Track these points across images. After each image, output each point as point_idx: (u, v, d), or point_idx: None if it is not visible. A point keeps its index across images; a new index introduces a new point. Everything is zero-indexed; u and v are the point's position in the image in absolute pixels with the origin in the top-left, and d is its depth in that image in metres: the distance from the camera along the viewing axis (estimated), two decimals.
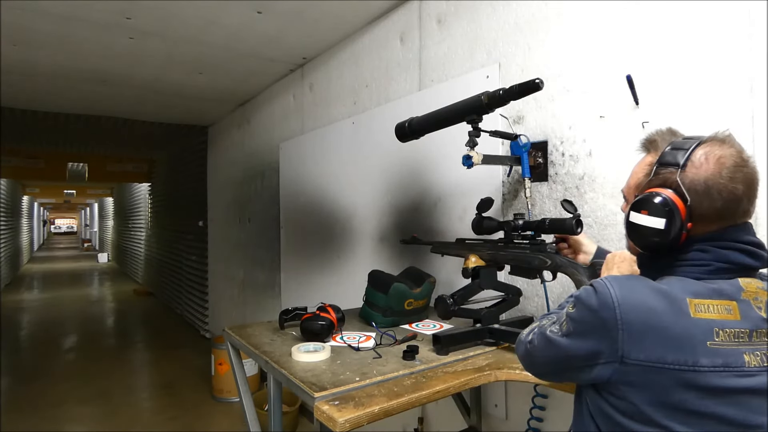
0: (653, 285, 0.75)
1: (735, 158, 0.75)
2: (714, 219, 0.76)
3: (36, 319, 7.01)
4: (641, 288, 0.74)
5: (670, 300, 0.72)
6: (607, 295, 0.74)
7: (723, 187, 0.74)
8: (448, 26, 2.01)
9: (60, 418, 3.41)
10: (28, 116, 4.53)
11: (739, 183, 0.74)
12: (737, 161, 0.75)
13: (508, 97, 1.30)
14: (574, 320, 0.78)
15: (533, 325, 0.92)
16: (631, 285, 0.75)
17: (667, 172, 0.78)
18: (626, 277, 0.78)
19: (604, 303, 0.74)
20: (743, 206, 0.76)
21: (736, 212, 0.76)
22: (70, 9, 2.31)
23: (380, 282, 1.67)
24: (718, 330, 0.70)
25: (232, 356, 1.61)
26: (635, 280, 0.77)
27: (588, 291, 0.78)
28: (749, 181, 0.75)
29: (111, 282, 11.07)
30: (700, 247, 0.77)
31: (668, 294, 0.73)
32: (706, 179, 0.74)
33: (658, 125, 1.29)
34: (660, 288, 0.74)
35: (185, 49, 2.86)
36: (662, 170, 0.79)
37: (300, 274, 3.19)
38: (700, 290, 0.73)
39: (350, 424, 0.96)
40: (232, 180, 4.54)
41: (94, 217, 23.19)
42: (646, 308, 0.72)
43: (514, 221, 1.37)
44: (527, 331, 0.92)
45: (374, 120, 2.44)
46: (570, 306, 0.80)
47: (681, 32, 1.25)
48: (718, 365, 0.69)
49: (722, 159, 0.74)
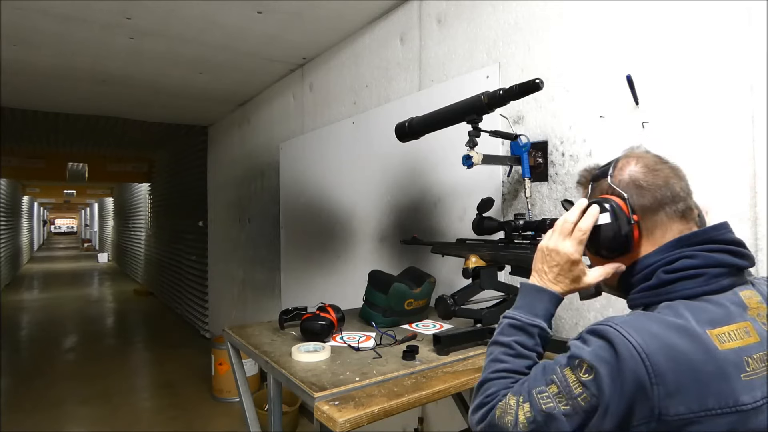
0: (668, 321, 0.67)
1: (653, 158, 0.80)
2: (656, 208, 0.76)
3: (36, 319, 7.01)
4: (659, 329, 0.65)
5: (692, 336, 0.65)
6: (628, 346, 0.63)
7: (646, 176, 0.78)
8: (448, 26, 2.01)
9: (60, 418, 3.41)
10: (28, 116, 4.54)
11: (661, 172, 0.78)
12: (655, 160, 0.80)
13: (508, 97, 1.30)
14: (593, 387, 0.64)
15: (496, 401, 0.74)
16: (647, 327, 0.66)
17: (599, 183, 0.83)
18: (634, 319, 0.68)
19: (629, 357, 0.62)
20: (677, 192, 0.77)
21: (675, 198, 0.77)
22: (70, 9, 2.31)
23: (380, 282, 1.67)
24: (748, 358, 0.65)
25: (232, 356, 1.61)
26: (645, 320, 0.68)
27: (600, 347, 0.66)
28: (673, 170, 0.79)
29: (111, 282, 11.07)
30: (686, 253, 0.73)
31: (687, 329, 0.65)
32: (629, 174, 0.79)
33: (658, 125, 1.30)
34: (677, 324, 0.66)
35: (185, 49, 2.86)
36: (595, 184, 0.84)
37: (300, 274, 3.19)
38: (715, 317, 0.67)
39: (350, 424, 0.95)
40: (232, 180, 4.54)
41: (94, 217, 23.20)
42: (675, 353, 0.63)
43: (515, 221, 1.37)
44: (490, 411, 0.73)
45: (374, 120, 2.44)
46: (579, 372, 0.66)
47: (681, 32, 1.25)
48: (758, 399, 0.63)
49: (641, 159, 0.80)
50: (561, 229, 0.82)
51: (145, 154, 8.03)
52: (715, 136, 1.19)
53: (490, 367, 0.80)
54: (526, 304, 0.84)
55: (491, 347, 0.83)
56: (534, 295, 0.84)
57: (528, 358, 0.79)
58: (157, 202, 8.42)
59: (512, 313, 0.84)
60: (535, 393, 0.70)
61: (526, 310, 0.83)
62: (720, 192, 1.18)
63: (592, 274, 0.82)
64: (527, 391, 0.71)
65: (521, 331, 0.81)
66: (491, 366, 0.80)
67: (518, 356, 0.79)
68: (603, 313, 1.43)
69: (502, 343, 0.81)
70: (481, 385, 0.79)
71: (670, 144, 1.26)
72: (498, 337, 0.83)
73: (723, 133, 1.17)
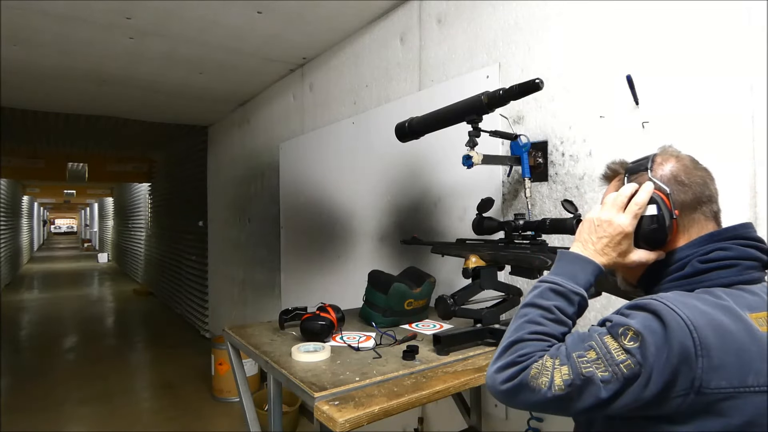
0: (714, 301, 0.69)
1: (690, 158, 0.83)
2: (695, 206, 0.79)
3: (36, 319, 7.01)
4: (706, 306, 0.67)
5: (736, 316, 0.67)
6: (677, 318, 0.65)
7: (687, 174, 0.79)
8: (448, 26, 2.01)
9: (60, 418, 3.41)
10: (28, 116, 4.53)
11: (700, 171, 0.80)
12: (693, 160, 0.82)
13: (508, 97, 1.30)
14: (638, 354, 0.65)
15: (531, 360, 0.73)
16: (694, 303, 0.68)
17: (636, 176, 0.83)
18: (679, 296, 0.70)
19: (677, 327, 0.64)
20: (713, 193, 0.80)
21: (711, 199, 0.80)
22: (70, 9, 2.31)
23: (380, 282, 1.67)
24: None
25: (232, 356, 1.61)
26: (691, 298, 0.69)
27: (646, 318, 0.67)
28: (708, 172, 0.81)
29: (111, 282, 11.07)
30: (720, 245, 0.76)
31: (731, 309, 0.67)
32: (671, 171, 0.80)
33: (658, 125, 1.30)
34: (721, 304, 0.68)
35: (185, 49, 2.86)
36: (632, 177, 0.84)
37: (300, 274, 3.19)
38: (752, 303, 0.70)
39: (350, 424, 0.95)
40: (232, 180, 4.54)
41: (94, 217, 23.19)
42: (722, 330, 0.65)
43: (515, 221, 1.37)
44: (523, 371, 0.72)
45: (374, 120, 2.44)
46: (624, 339, 0.67)
47: (681, 32, 1.25)
48: None
49: (681, 158, 0.82)
50: (614, 202, 0.82)
51: (145, 154, 8.03)
52: (715, 136, 1.19)
53: (526, 328, 0.77)
54: (568, 272, 0.82)
55: (526, 308, 0.80)
56: (578, 263, 0.82)
57: (566, 324, 0.78)
58: (157, 202, 8.42)
59: (553, 278, 0.82)
60: (575, 356, 0.69)
61: (568, 277, 0.81)
62: (720, 192, 1.17)
63: (639, 253, 0.81)
64: (565, 355, 0.70)
65: (563, 297, 0.79)
66: (527, 326, 0.77)
67: (557, 321, 0.78)
68: (603, 313, 1.43)
69: (541, 306, 0.79)
70: (513, 344, 0.76)
71: (670, 144, 1.25)
72: (536, 299, 0.80)
73: (723, 133, 1.17)
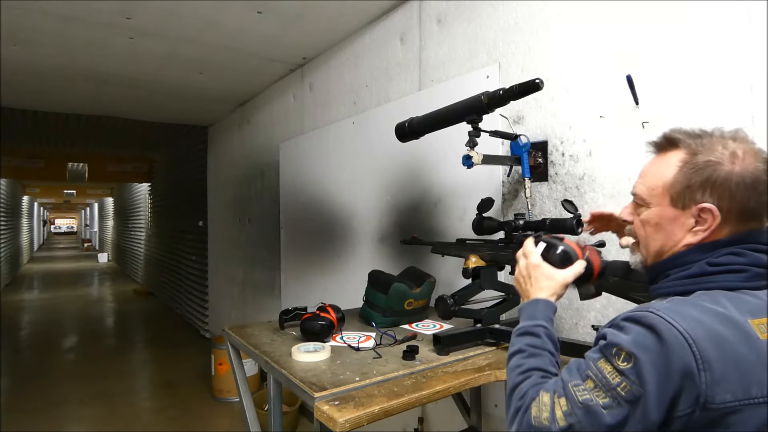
0: (708, 309, 0.66)
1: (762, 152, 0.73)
2: (749, 217, 0.72)
3: (36, 319, 7.01)
4: (702, 316, 0.64)
5: (734, 324, 0.64)
6: (674, 332, 0.62)
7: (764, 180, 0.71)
8: (448, 26, 2.01)
9: (60, 418, 3.41)
10: (28, 116, 4.54)
11: None
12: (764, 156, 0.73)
13: (508, 97, 1.30)
14: (632, 375, 0.62)
15: (529, 399, 0.72)
16: (690, 313, 0.64)
17: (710, 167, 0.72)
18: (675, 305, 0.67)
19: (676, 342, 0.61)
20: None
21: None
22: (70, 9, 2.31)
23: (380, 282, 1.67)
24: None
25: (232, 356, 1.61)
26: (686, 306, 0.67)
27: (640, 334, 0.64)
28: None
29: (111, 282, 11.07)
30: (734, 250, 0.72)
31: (729, 318, 0.65)
32: (752, 172, 0.71)
33: (658, 125, 1.29)
34: (718, 311, 0.65)
35: (185, 49, 2.86)
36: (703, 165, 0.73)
37: (300, 274, 3.19)
38: (754, 308, 0.68)
39: (350, 424, 0.96)
40: (232, 180, 4.54)
41: (94, 217, 23.20)
42: (720, 340, 0.62)
43: (515, 221, 1.37)
44: (525, 412, 0.70)
45: (374, 120, 2.44)
46: (617, 360, 0.64)
47: (681, 32, 1.25)
48: None
49: (759, 153, 0.72)
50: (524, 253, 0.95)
51: (145, 154, 8.03)
52: None
53: (514, 373, 0.79)
54: (527, 316, 0.88)
55: (509, 361, 0.84)
56: (529, 307, 0.89)
57: (541, 355, 0.80)
58: (157, 202, 8.42)
59: (517, 327, 0.87)
60: (570, 386, 0.67)
61: (527, 318, 0.87)
62: None
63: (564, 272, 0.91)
64: (561, 386, 0.68)
65: (528, 335, 0.84)
66: (514, 372, 0.79)
67: (533, 355, 0.80)
68: (603, 313, 1.43)
69: (518, 351, 0.83)
70: (511, 393, 0.77)
71: None
72: (512, 348, 0.85)
73: None
